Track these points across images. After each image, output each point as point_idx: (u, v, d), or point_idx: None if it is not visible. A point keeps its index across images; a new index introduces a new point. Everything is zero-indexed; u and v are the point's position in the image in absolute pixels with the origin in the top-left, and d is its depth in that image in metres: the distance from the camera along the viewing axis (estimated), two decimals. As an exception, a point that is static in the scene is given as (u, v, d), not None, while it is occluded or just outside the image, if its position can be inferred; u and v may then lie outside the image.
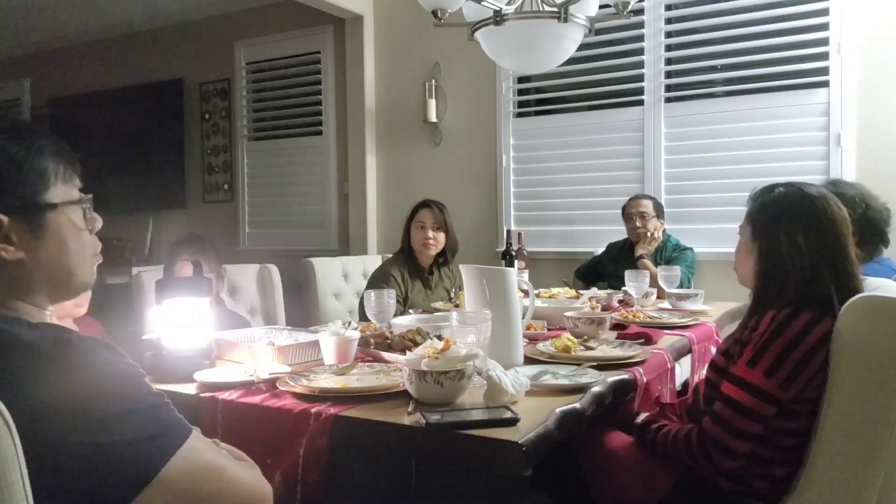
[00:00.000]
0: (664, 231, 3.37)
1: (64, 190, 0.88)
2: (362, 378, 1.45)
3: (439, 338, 1.42)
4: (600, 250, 3.63)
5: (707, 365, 1.63)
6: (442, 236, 2.97)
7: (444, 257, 3.05)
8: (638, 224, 3.28)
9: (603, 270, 3.46)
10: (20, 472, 0.73)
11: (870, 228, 2.09)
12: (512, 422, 1.15)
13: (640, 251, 3.22)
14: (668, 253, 3.29)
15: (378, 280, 2.88)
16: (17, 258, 0.83)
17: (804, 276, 1.39)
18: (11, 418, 0.68)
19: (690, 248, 3.33)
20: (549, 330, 2.04)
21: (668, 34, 3.74)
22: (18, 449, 0.73)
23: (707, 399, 1.48)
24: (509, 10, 2.35)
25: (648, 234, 3.26)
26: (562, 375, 1.49)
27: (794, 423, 1.37)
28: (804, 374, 1.32)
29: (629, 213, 3.35)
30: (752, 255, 1.48)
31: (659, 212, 3.34)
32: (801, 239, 1.40)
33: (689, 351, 2.04)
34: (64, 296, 0.91)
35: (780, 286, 1.40)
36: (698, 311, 2.49)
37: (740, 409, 1.34)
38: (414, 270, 2.97)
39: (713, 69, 3.69)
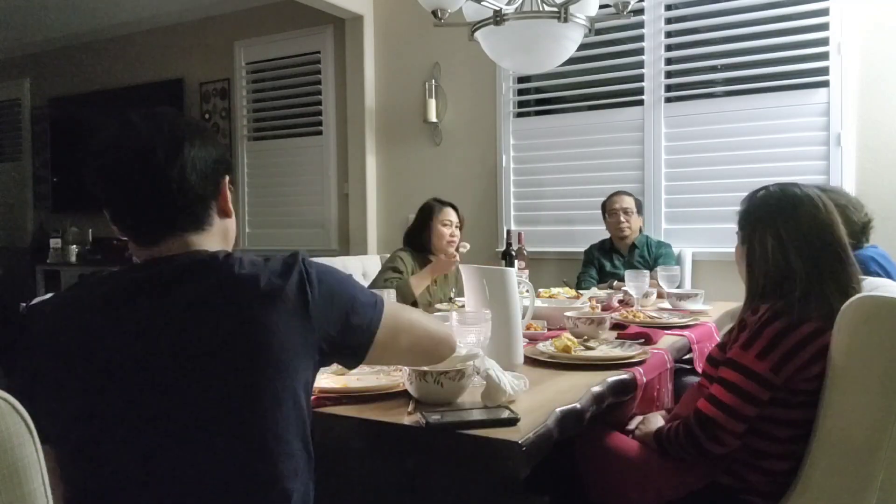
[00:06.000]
0: (641, 230, 3.49)
1: None
2: (362, 378, 1.44)
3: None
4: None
5: (704, 360, 1.65)
6: (460, 235, 3.06)
7: None
8: (623, 219, 3.38)
9: (598, 274, 3.48)
10: (42, 478, 0.73)
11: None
12: (512, 422, 1.15)
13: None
14: (655, 250, 3.38)
15: (388, 263, 2.94)
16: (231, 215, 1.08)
17: (780, 277, 1.41)
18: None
19: (669, 245, 3.45)
20: (549, 330, 2.04)
21: (668, 34, 3.74)
22: (40, 454, 0.73)
23: (702, 389, 1.50)
24: (509, 10, 2.34)
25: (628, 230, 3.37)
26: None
27: (787, 414, 1.38)
28: (794, 362, 1.34)
29: (613, 209, 3.43)
30: (742, 258, 1.52)
31: (639, 208, 3.47)
32: (782, 240, 1.42)
33: (689, 351, 2.04)
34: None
35: (764, 286, 1.44)
36: (698, 311, 2.49)
37: (734, 389, 1.37)
38: (424, 265, 2.99)
39: (713, 69, 3.69)
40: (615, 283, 3.11)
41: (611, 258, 3.46)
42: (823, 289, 1.38)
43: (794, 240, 1.41)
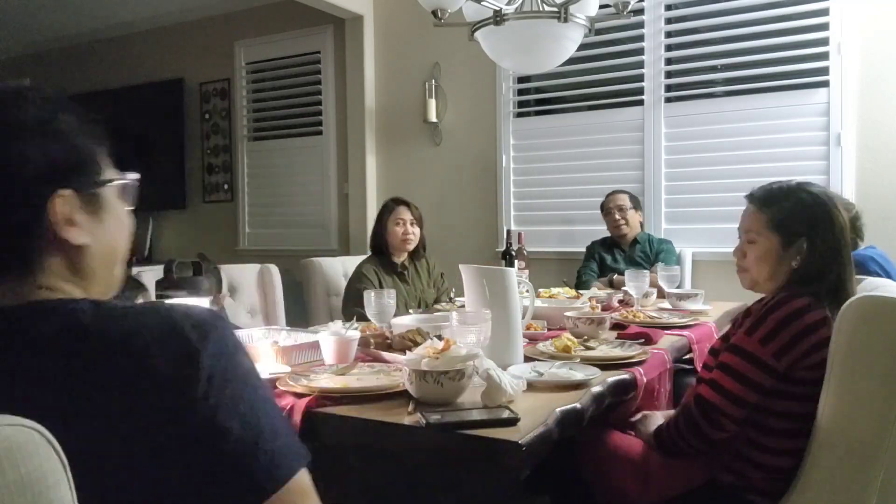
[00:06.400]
0: (641, 225, 3.52)
1: (112, 170, 0.81)
2: (362, 378, 1.45)
3: (439, 338, 1.42)
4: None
5: (707, 352, 1.66)
6: (418, 231, 3.04)
7: (418, 252, 3.10)
8: (618, 217, 3.42)
9: (600, 271, 3.49)
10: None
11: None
12: (512, 422, 1.15)
13: None
14: (656, 247, 3.41)
15: (354, 282, 2.89)
16: (82, 242, 0.74)
17: (809, 279, 1.43)
18: None
19: (670, 241, 3.47)
20: (549, 330, 2.04)
21: (668, 34, 3.74)
22: (74, 496, 0.56)
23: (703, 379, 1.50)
24: (509, 10, 2.35)
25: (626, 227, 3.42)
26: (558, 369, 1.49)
27: (784, 405, 1.38)
28: (797, 349, 1.35)
29: (608, 207, 3.48)
30: (785, 261, 1.47)
31: (636, 204, 3.49)
32: (815, 245, 1.44)
33: (689, 351, 2.04)
34: (114, 285, 0.80)
35: (813, 286, 1.43)
36: (698, 311, 2.49)
37: (735, 374, 1.38)
38: (389, 267, 3.01)
39: (713, 69, 3.69)
40: (615, 277, 3.13)
41: (612, 253, 3.49)
42: (837, 286, 1.41)
43: (827, 243, 1.44)
